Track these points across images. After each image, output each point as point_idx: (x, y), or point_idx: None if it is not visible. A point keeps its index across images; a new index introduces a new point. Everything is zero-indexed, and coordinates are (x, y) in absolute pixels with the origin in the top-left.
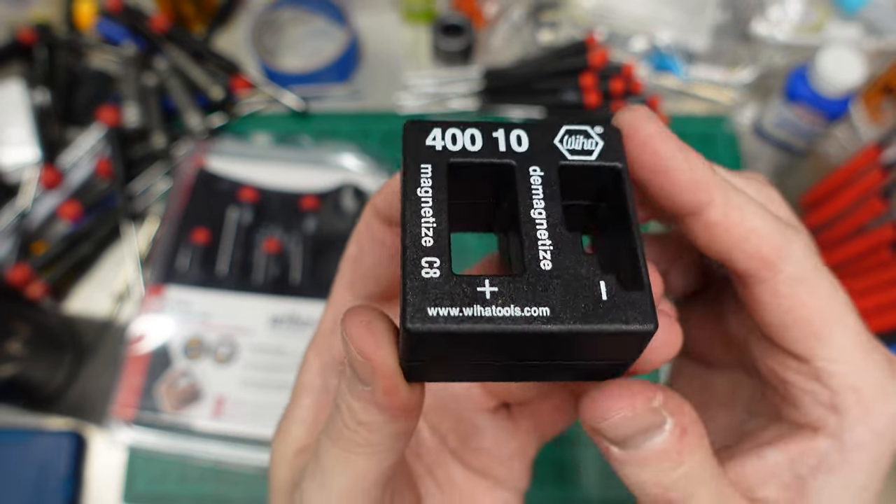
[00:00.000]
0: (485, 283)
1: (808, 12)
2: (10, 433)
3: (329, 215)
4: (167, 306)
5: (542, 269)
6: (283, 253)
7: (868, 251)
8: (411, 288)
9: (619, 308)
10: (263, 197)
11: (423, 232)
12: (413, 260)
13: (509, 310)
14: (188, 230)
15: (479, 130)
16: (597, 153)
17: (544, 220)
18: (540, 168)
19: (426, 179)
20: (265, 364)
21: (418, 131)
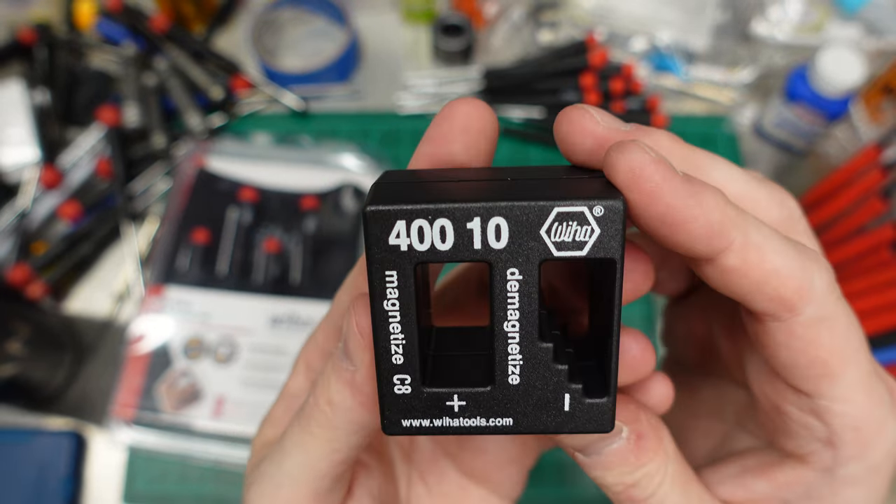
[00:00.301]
0: (453, 398)
1: (807, 12)
2: (10, 433)
3: (329, 215)
4: (167, 306)
5: (509, 383)
6: (283, 253)
7: (868, 251)
8: (385, 403)
9: (578, 417)
10: (263, 197)
11: (392, 349)
12: (385, 378)
13: (475, 421)
14: (188, 230)
15: (451, 221)
16: (590, 245)
17: (517, 332)
18: (519, 271)
19: (392, 290)
20: (265, 364)
21: (381, 227)
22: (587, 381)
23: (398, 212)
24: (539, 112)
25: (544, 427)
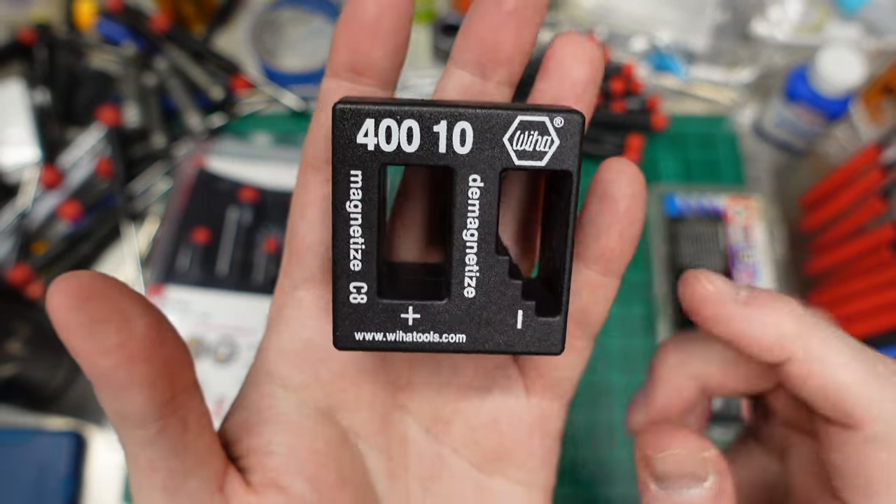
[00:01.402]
0: (408, 311)
1: (807, 12)
2: (10, 433)
3: None
4: (167, 306)
5: (465, 296)
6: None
7: (868, 251)
8: (339, 312)
9: (530, 336)
10: (263, 197)
11: (351, 254)
12: (342, 285)
13: (428, 336)
14: (188, 230)
15: (419, 123)
16: (549, 155)
17: (475, 242)
18: (480, 177)
19: (356, 191)
20: None
21: (350, 124)
22: (540, 299)
23: (368, 110)
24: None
25: (496, 345)
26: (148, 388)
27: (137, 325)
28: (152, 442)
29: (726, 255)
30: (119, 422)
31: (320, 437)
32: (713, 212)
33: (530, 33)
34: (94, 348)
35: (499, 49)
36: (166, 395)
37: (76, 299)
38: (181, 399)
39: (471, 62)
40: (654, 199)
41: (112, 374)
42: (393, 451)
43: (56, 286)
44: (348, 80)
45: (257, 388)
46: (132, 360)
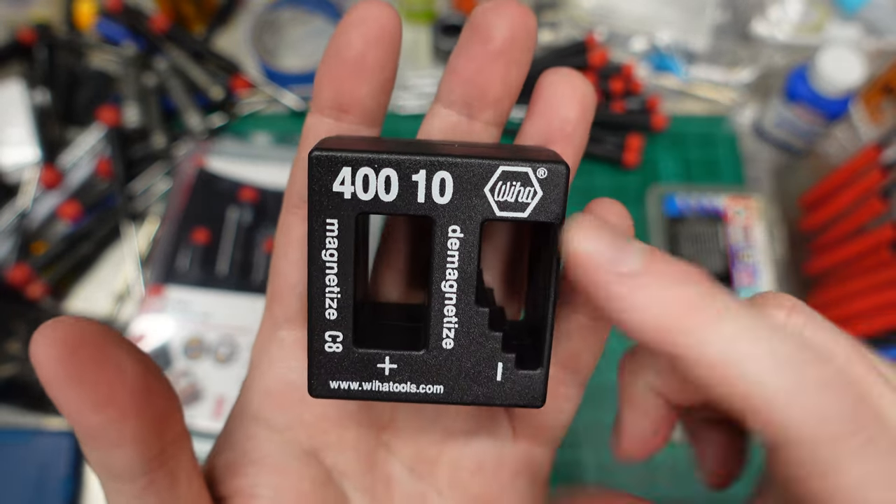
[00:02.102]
0: (385, 360)
1: (807, 12)
2: (10, 433)
3: None
4: (167, 306)
5: (443, 347)
6: None
7: (868, 251)
8: (313, 361)
9: (510, 388)
10: (263, 197)
11: (326, 303)
12: (317, 334)
13: (405, 386)
14: (188, 230)
15: (397, 172)
16: (532, 207)
17: (454, 294)
18: (460, 228)
19: (331, 239)
20: None
21: (326, 172)
22: (521, 352)
23: (345, 158)
24: None
25: (474, 398)
26: (138, 443)
27: (128, 377)
28: (140, 497)
29: (726, 255)
30: (106, 476)
31: (305, 478)
32: (713, 212)
33: (518, 73)
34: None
35: (486, 90)
36: (155, 448)
37: (63, 350)
38: (170, 451)
39: (457, 102)
40: (653, 199)
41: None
42: (377, 491)
43: (41, 335)
44: (332, 117)
45: (241, 429)
46: (123, 417)
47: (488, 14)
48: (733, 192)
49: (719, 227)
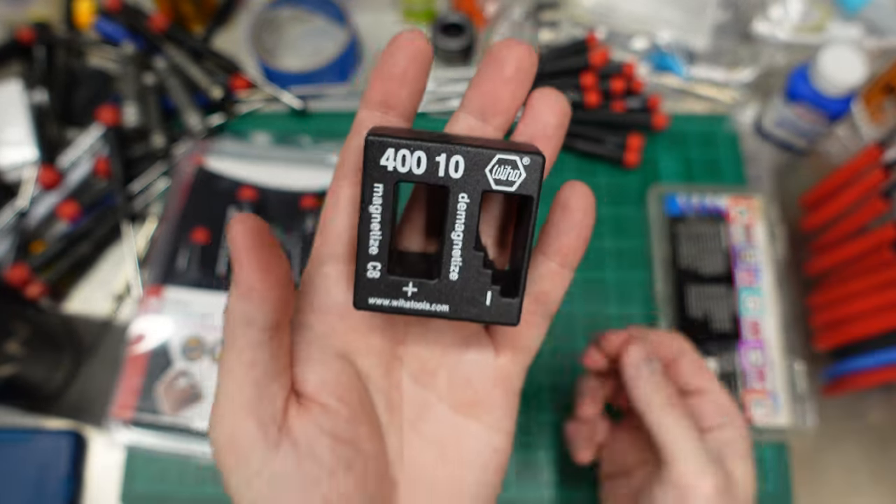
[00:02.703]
0: (409, 285)
1: (809, 12)
2: (10, 433)
3: None
4: (166, 307)
5: (450, 278)
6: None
7: (869, 251)
8: (358, 282)
9: (495, 310)
10: (263, 196)
11: (370, 242)
12: (362, 263)
13: (421, 305)
14: (187, 230)
15: (425, 154)
16: (518, 184)
17: (460, 241)
18: (467, 195)
19: (377, 198)
20: None
21: (377, 151)
22: (504, 285)
23: (390, 143)
24: None
25: (469, 315)
26: (276, 306)
27: (282, 263)
28: (262, 344)
29: (727, 255)
30: (242, 321)
31: (342, 373)
32: (714, 211)
33: (522, 92)
34: (256, 267)
35: (497, 103)
36: (281, 315)
37: (251, 231)
38: (285, 323)
39: (475, 110)
40: (654, 199)
41: (258, 289)
42: (392, 394)
43: (238, 221)
44: (379, 112)
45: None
46: (274, 285)
47: (503, 49)
48: (734, 192)
49: (720, 227)
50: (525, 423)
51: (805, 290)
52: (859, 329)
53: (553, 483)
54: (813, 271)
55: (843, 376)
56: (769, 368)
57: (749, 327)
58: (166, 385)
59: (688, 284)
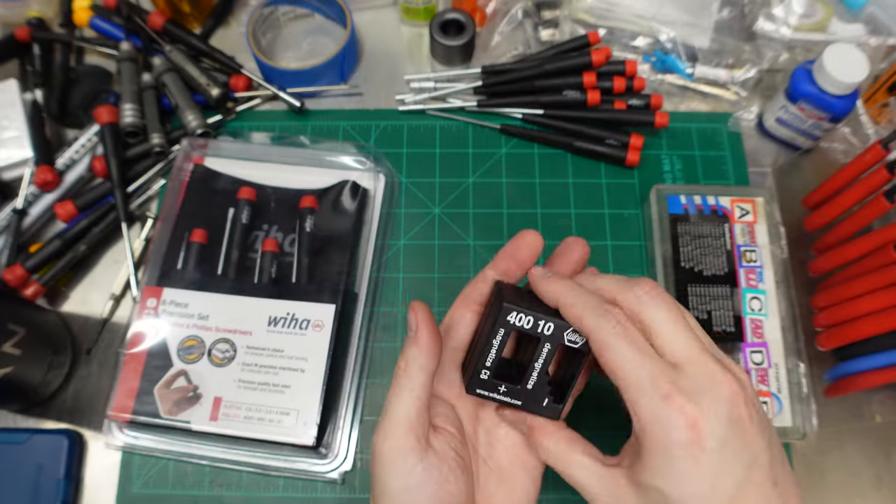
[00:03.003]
0: (502, 386)
1: (812, 10)
2: (7, 433)
3: (328, 213)
4: (164, 308)
5: (527, 386)
6: (281, 252)
7: (874, 250)
8: (473, 378)
9: (547, 409)
10: (261, 195)
11: (487, 359)
12: (479, 368)
13: (506, 398)
14: (185, 229)
15: (533, 318)
16: (579, 344)
17: (538, 368)
18: (550, 345)
19: (499, 337)
20: (262, 365)
21: (507, 312)
22: (555, 394)
23: (516, 309)
24: (541, 110)
25: (532, 409)
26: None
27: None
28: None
29: (730, 254)
30: (418, 368)
31: (454, 414)
32: (716, 211)
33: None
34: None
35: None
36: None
37: (427, 311)
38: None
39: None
40: (656, 199)
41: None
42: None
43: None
44: (500, 276)
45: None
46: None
47: (572, 243)
48: (737, 191)
49: (723, 227)
50: None
51: (808, 291)
52: (863, 330)
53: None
54: (816, 271)
55: (847, 377)
56: (772, 369)
57: (751, 328)
58: (164, 386)
59: (690, 285)
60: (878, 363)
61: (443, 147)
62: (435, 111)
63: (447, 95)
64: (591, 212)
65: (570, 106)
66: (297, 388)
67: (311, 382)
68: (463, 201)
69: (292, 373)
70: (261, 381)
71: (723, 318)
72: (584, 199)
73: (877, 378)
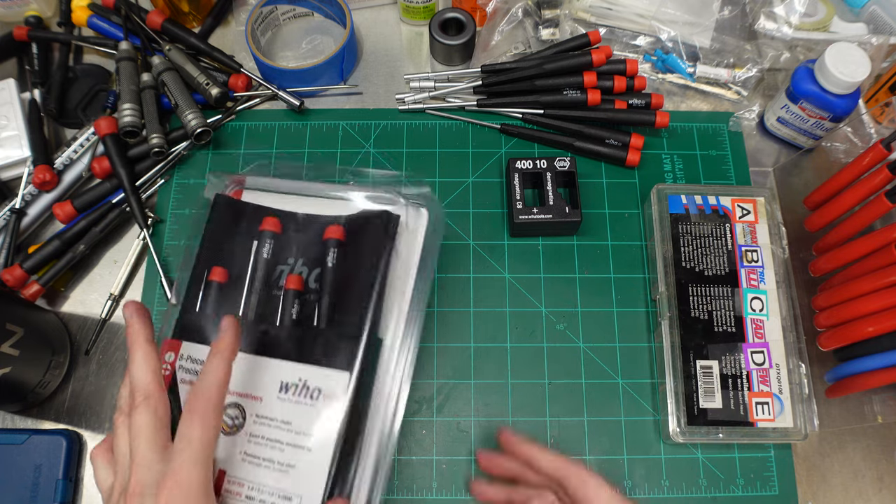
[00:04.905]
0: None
1: (814, 9)
2: (5, 434)
3: (354, 246)
4: (181, 364)
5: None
6: (305, 290)
7: (875, 251)
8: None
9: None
10: (287, 225)
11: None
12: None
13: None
14: (206, 267)
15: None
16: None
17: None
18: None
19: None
20: (269, 439)
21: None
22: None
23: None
24: (541, 110)
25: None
26: None
27: None
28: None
29: (731, 254)
30: None
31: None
32: (717, 211)
33: None
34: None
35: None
36: None
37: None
38: None
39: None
40: (657, 199)
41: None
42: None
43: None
44: None
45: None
46: None
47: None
48: (738, 191)
49: (724, 226)
50: (529, 427)
51: (809, 291)
52: (864, 330)
53: None
54: (817, 271)
55: (848, 378)
56: (773, 370)
57: (752, 328)
58: None
59: (690, 285)
60: (879, 364)
61: (442, 147)
62: (435, 111)
63: (447, 95)
64: (591, 212)
65: (570, 105)
66: (301, 471)
67: (317, 465)
68: (463, 201)
69: (298, 450)
70: (265, 457)
71: (724, 319)
72: (585, 199)
73: (878, 378)
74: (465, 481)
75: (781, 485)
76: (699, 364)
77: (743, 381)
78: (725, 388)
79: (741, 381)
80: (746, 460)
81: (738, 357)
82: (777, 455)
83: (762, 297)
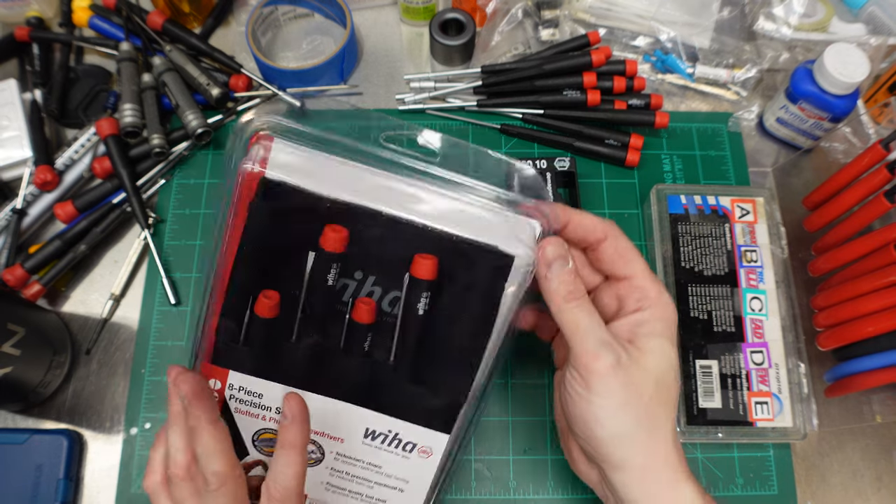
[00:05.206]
0: None
1: (813, 10)
2: (6, 433)
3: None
4: (231, 393)
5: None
6: (379, 317)
7: (874, 250)
8: None
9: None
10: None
11: None
12: None
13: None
14: (246, 286)
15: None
16: (568, 166)
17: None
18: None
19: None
20: (355, 476)
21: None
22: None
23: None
24: (541, 110)
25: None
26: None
27: None
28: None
29: (730, 254)
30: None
31: None
32: (717, 211)
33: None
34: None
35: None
36: None
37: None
38: None
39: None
40: (656, 199)
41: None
42: None
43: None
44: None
45: None
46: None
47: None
48: (737, 191)
49: (723, 227)
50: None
51: (808, 291)
52: (863, 330)
53: (557, 488)
54: (816, 271)
55: (847, 378)
56: (772, 370)
57: (752, 328)
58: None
59: (690, 285)
60: (878, 363)
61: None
62: (435, 111)
63: (447, 95)
64: (591, 212)
65: (570, 106)
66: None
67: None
68: None
69: (390, 490)
70: (353, 490)
71: (723, 318)
72: (585, 199)
73: (877, 378)
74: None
75: (780, 484)
76: (698, 364)
77: (742, 380)
78: (725, 388)
79: (740, 380)
80: (746, 460)
81: (738, 357)
82: (776, 455)
83: (761, 297)
